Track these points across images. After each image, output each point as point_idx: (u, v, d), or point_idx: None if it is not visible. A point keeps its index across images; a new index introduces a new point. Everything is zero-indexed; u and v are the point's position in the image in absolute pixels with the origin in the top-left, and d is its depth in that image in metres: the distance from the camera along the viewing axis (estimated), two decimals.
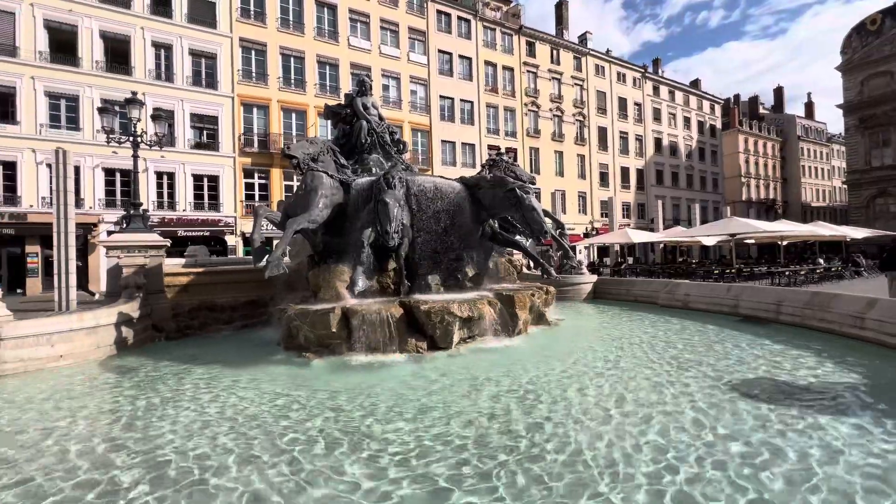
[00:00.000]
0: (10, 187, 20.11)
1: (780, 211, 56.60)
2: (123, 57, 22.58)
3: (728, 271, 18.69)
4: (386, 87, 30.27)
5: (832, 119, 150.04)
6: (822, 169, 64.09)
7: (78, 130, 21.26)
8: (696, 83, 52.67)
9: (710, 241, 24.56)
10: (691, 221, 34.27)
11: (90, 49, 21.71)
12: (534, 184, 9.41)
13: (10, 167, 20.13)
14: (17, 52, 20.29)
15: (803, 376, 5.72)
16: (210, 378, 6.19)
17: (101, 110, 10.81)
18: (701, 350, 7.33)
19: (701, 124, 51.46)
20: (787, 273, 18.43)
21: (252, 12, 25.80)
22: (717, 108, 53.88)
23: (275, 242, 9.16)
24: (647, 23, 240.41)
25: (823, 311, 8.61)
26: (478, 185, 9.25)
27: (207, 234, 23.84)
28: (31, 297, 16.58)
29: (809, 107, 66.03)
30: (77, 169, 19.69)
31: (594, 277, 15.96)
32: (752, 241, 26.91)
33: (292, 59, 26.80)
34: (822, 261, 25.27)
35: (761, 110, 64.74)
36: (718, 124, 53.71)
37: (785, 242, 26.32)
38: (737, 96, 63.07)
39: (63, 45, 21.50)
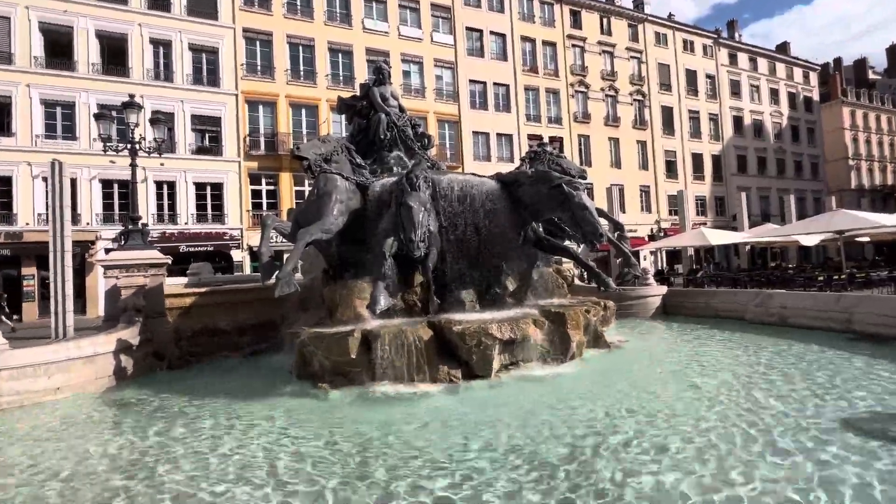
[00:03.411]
0: (6, 204, 21.84)
1: None
2: (120, 57, 24.22)
3: (837, 277, 17.58)
4: (407, 74, 30.86)
5: None
6: None
7: (74, 140, 22.91)
8: (783, 47, 50.54)
9: (810, 241, 23.23)
10: (785, 217, 32.57)
11: (86, 51, 23.43)
12: (584, 178, 9.21)
13: (6, 182, 21.88)
14: (12, 59, 22.20)
15: None
16: (215, 417, 6.37)
17: (98, 116, 11.65)
18: (838, 388, 6.16)
19: (792, 97, 49.15)
20: None
21: None
22: (813, 77, 51.32)
23: (285, 256, 9.45)
24: None
25: None
26: (517, 183, 9.20)
27: (211, 248, 24.92)
28: (27, 324, 17.82)
29: None
30: (73, 182, 21.05)
31: (663, 289, 15.65)
32: (867, 238, 25.24)
33: (301, 49, 27.85)
34: None
35: (871, 75, 61.09)
36: (815, 96, 51.10)
37: None
38: (837, 60, 59.88)
39: (58, 48, 23.32)
